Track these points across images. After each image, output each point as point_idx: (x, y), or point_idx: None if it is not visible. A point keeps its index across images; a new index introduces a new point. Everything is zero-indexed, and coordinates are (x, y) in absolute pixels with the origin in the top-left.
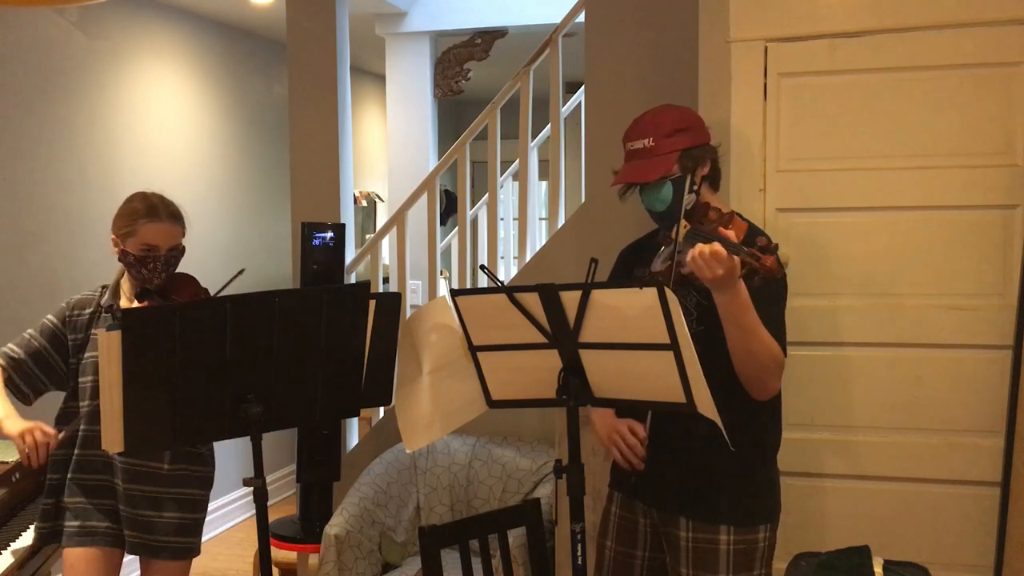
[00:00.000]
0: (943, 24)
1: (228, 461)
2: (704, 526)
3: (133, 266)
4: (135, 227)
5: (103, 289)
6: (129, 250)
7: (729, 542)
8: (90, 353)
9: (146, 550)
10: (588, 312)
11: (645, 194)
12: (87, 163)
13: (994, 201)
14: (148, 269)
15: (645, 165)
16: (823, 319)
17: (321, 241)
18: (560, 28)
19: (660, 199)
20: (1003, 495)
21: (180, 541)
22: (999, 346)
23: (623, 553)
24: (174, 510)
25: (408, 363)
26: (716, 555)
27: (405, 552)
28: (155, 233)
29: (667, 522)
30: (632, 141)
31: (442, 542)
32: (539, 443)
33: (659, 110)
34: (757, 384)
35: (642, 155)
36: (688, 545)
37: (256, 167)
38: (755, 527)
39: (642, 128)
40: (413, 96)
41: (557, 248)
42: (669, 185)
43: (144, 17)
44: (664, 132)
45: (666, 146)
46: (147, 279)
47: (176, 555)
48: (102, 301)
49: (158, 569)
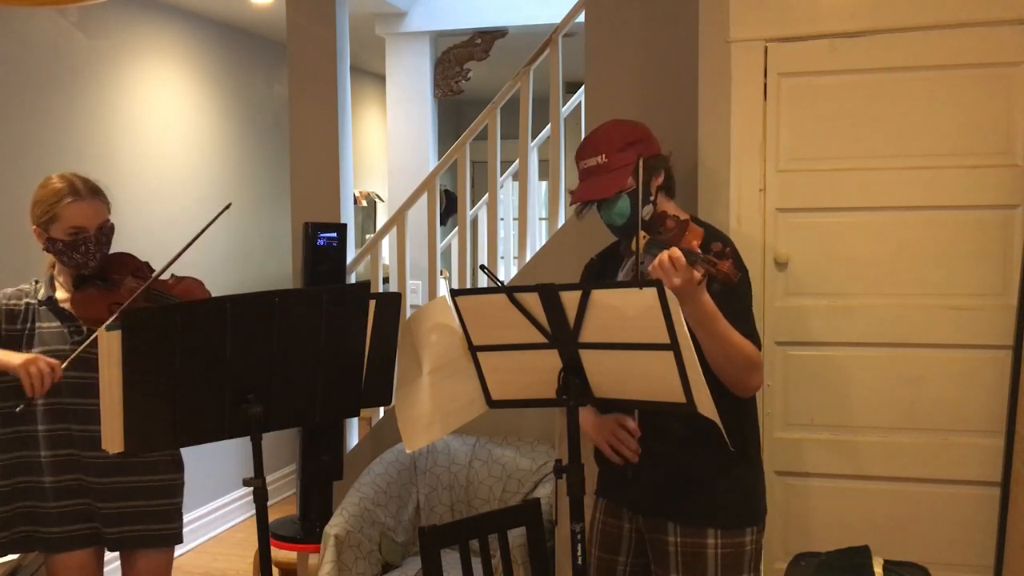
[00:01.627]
0: (943, 24)
1: (228, 461)
2: (692, 530)
3: (64, 252)
4: (57, 210)
5: (36, 283)
6: (56, 236)
7: (717, 546)
8: (39, 348)
9: (128, 543)
10: (588, 312)
11: (603, 210)
12: (87, 163)
13: (994, 201)
14: (80, 253)
15: (601, 182)
16: (823, 319)
17: (326, 241)
18: (560, 28)
19: (618, 213)
20: (1003, 495)
21: (161, 528)
22: (999, 346)
23: (606, 559)
24: (150, 497)
25: (408, 363)
26: (704, 559)
27: (405, 552)
28: (80, 213)
29: (654, 528)
30: (585, 159)
31: (442, 542)
32: (539, 443)
33: (608, 126)
34: (739, 384)
35: (596, 172)
36: (676, 550)
37: (256, 167)
38: (742, 529)
39: (594, 145)
40: (413, 96)
41: (557, 248)
42: (625, 198)
43: (144, 17)
44: (616, 147)
45: (619, 160)
46: (81, 264)
47: (159, 542)
48: (39, 295)
49: (141, 560)
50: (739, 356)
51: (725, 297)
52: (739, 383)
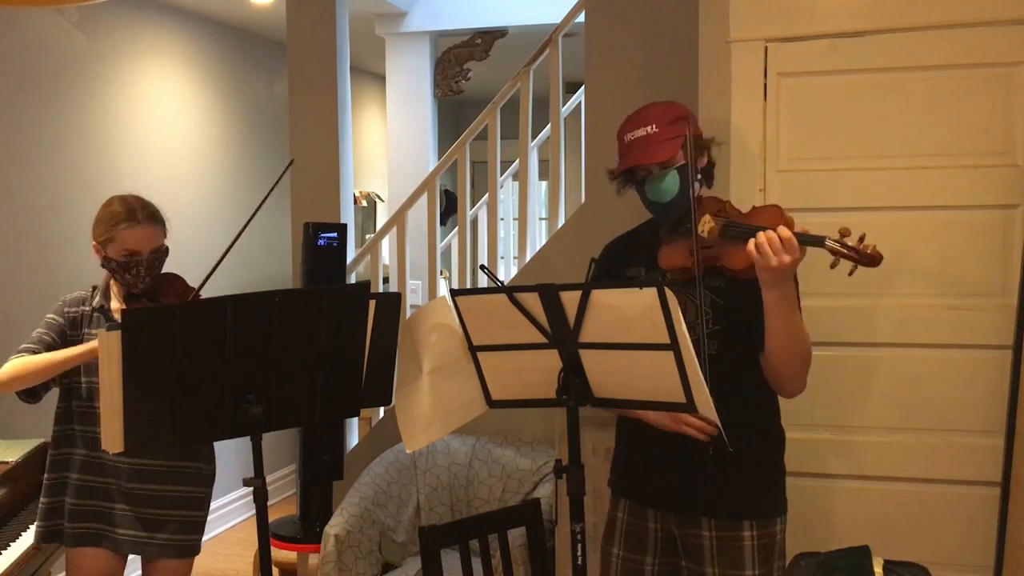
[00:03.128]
0: (943, 24)
1: (228, 461)
2: (727, 523)
3: (117, 272)
4: (114, 233)
5: (94, 290)
6: (111, 256)
7: (752, 537)
8: None
9: (149, 549)
10: (588, 312)
11: (650, 185)
12: (87, 163)
13: (994, 201)
14: (132, 274)
15: (651, 149)
16: (823, 319)
17: (326, 241)
18: (560, 28)
19: (665, 189)
20: (1003, 495)
21: (182, 539)
22: (999, 346)
23: (632, 560)
24: (176, 508)
25: (408, 363)
26: (741, 551)
27: (405, 552)
28: (135, 238)
29: (686, 524)
30: (632, 131)
31: (442, 542)
32: (539, 443)
33: (657, 103)
34: (794, 381)
35: (645, 142)
36: (712, 544)
37: (256, 167)
38: (773, 520)
39: (643, 118)
40: (413, 96)
41: (557, 248)
42: (675, 173)
43: (144, 17)
44: (666, 120)
45: (670, 132)
46: (131, 284)
47: (178, 553)
48: (93, 303)
49: (160, 568)
50: (805, 351)
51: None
52: (793, 381)
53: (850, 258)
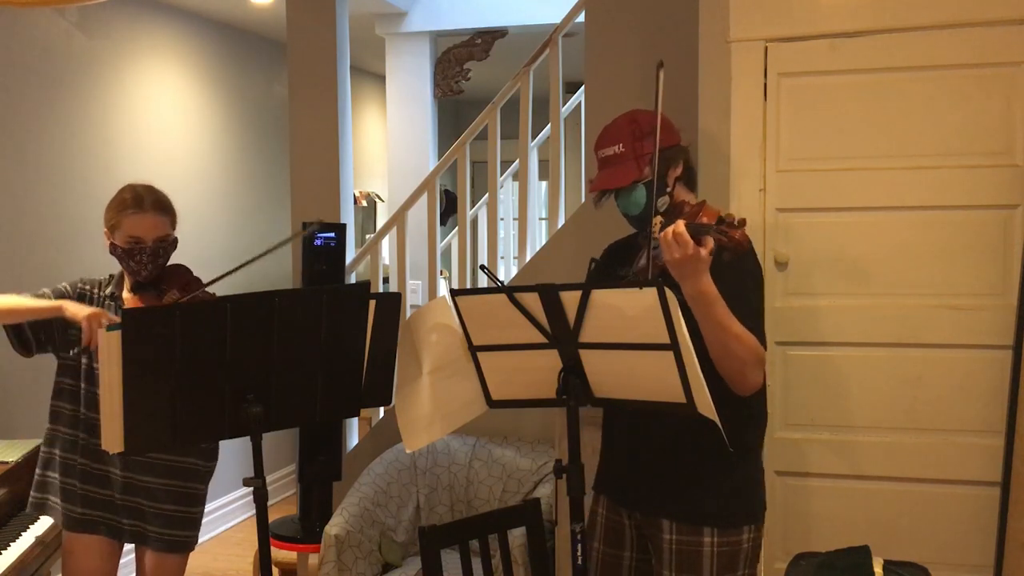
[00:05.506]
0: (943, 24)
1: (228, 461)
2: (687, 527)
3: (121, 258)
4: (120, 219)
5: (111, 277)
6: (117, 242)
7: (713, 544)
8: None
9: (141, 538)
10: (588, 312)
11: (620, 199)
12: (87, 163)
13: (994, 201)
14: (135, 261)
15: (618, 171)
16: (823, 319)
17: (323, 241)
18: (560, 28)
19: (634, 203)
20: (1003, 495)
21: (174, 534)
22: (999, 346)
23: (610, 554)
24: (169, 502)
25: (408, 363)
26: (700, 557)
27: (405, 552)
28: (139, 225)
29: (650, 524)
30: (603, 148)
31: (442, 542)
32: (539, 443)
33: (627, 116)
34: (737, 379)
35: (614, 161)
36: (672, 547)
37: (256, 167)
38: (739, 528)
39: (612, 135)
40: (413, 96)
41: (557, 248)
42: (642, 188)
43: (144, 17)
44: (633, 136)
45: (636, 150)
46: (135, 271)
47: (169, 547)
48: (106, 290)
49: (153, 560)
50: (738, 347)
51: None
52: (737, 377)
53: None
